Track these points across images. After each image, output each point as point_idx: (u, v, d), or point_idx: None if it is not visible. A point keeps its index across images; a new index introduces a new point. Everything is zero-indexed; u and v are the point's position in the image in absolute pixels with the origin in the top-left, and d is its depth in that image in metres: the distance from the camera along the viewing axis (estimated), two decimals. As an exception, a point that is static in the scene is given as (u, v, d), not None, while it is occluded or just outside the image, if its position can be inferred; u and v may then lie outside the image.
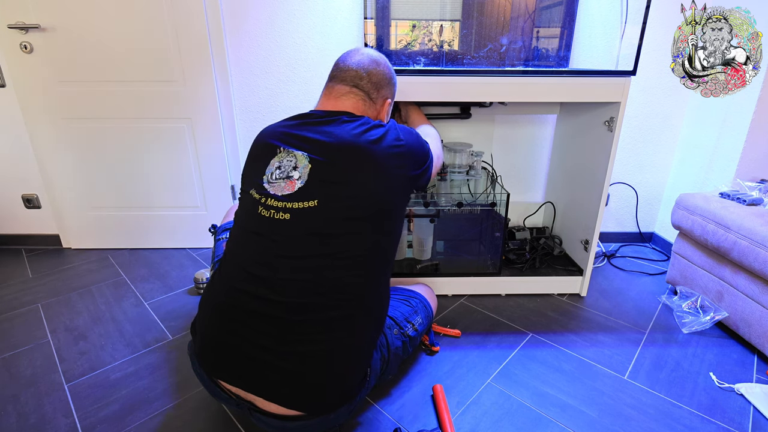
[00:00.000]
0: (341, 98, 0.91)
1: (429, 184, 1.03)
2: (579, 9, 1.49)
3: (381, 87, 0.94)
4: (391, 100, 0.99)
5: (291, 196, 0.79)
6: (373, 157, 0.80)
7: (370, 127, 0.85)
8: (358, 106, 0.91)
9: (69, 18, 1.59)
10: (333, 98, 0.92)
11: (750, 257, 1.17)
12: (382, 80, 0.94)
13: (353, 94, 0.91)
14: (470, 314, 1.43)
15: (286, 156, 0.82)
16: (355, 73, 0.91)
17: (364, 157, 0.80)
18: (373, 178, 0.80)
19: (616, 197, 1.94)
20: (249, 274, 0.81)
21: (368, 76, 0.92)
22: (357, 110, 0.91)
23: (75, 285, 1.63)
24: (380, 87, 0.94)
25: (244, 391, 0.81)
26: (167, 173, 1.83)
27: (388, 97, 0.97)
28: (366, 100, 0.92)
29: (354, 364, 0.86)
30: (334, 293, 0.79)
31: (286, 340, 0.78)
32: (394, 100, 1.03)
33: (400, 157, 0.85)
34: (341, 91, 0.91)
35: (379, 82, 0.93)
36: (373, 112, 0.95)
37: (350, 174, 0.79)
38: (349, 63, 0.93)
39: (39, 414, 1.02)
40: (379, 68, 0.94)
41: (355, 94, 0.91)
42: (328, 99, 0.92)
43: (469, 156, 1.63)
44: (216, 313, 0.85)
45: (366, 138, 0.82)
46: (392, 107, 1.04)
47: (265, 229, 0.81)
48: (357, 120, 0.86)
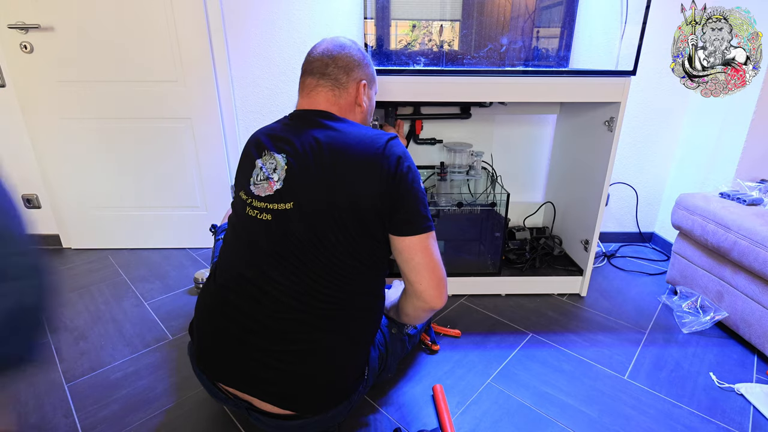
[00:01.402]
0: (312, 94, 0.89)
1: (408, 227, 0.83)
2: (579, 9, 1.49)
3: (350, 70, 0.90)
4: (367, 82, 0.94)
5: (270, 198, 0.80)
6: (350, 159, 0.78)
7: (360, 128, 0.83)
8: (329, 98, 0.88)
9: (69, 18, 1.59)
10: (306, 95, 0.90)
11: (750, 257, 1.17)
12: (350, 63, 0.90)
13: (322, 86, 0.88)
14: (470, 314, 1.43)
15: (268, 158, 0.83)
16: (321, 61, 0.89)
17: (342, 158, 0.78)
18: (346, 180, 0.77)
19: (616, 197, 1.94)
20: (240, 275, 0.82)
21: (334, 61, 0.89)
22: (329, 102, 0.88)
23: (75, 285, 1.63)
24: (349, 70, 0.90)
25: (240, 392, 0.82)
26: (167, 173, 1.83)
27: (361, 78, 0.92)
28: (335, 88, 0.89)
29: (350, 362, 0.86)
30: (326, 293, 0.79)
31: (278, 340, 0.78)
32: (374, 85, 0.98)
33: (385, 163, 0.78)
34: (311, 85, 0.89)
35: (347, 65, 0.89)
36: (346, 98, 0.90)
37: (325, 176, 0.77)
38: (315, 53, 0.91)
39: (39, 414, 1.02)
40: (344, 51, 0.90)
41: (324, 85, 0.88)
42: (303, 97, 0.91)
43: (469, 156, 1.63)
44: (210, 314, 0.85)
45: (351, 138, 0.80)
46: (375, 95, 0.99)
47: (252, 230, 0.81)
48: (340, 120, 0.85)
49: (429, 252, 0.83)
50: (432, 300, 0.85)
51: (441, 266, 0.85)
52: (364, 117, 0.95)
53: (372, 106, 0.98)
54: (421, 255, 0.82)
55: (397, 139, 0.83)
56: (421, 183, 0.84)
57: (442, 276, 0.85)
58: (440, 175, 1.60)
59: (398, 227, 0.81)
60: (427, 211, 0.83)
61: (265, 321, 0.78)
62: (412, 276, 0.84)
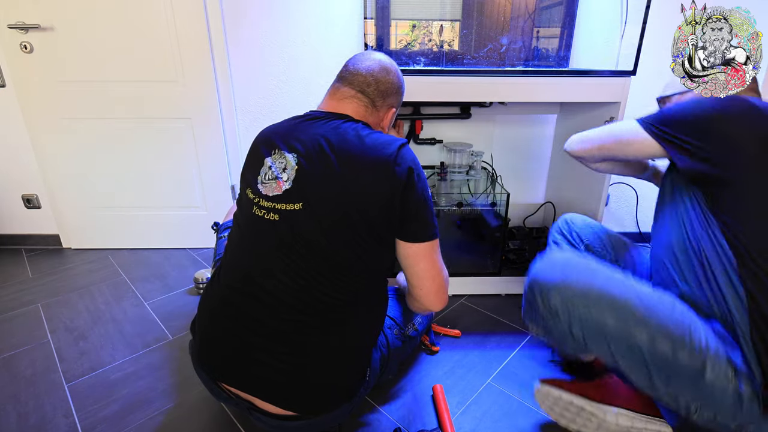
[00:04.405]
0: (344, 101, 0.89)
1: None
2: (579, 9, 1.49)
3: (388, 96, 0.92)
4: (396, 109, 0.97)
5: (279, 197, 0.79)
6: (361, 162, 0.78)
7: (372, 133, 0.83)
8: (359, 111, 0.89)
9: (69, 18, 1.59)
10: (336, 100, 0.90)
11: (750, 257, 1.16)
12: (389, 89, 0.92)
13: (357, 99, 0.89)
14: (470, 314, 1.43)
15: (278, 157, 0.82)
16: (364, 78, 0.89)
17: (354, 161, 0.78)
18: (357, 183, 0.77)
19: (616, 197, 1.94)
20: (244, 275, 0.81)
21: (376, 83, 0.90)
22: (357, 114, 0.89)
23: (75, 285, 1.63)
24: (387, 96, 0.92)
25: (242, 391, 0.82)
26: (167, 173, 1.83)
27: (393, 105, 0.95)
28: (369, 106, 0.90)
29: (352, 364, 0.86)
30: (330, 295, 0.79)
31: (280, 340, 0.78)
32: (399, 106, 1.00)
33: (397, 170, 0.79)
34: (345, 94, 0.89)
35: (386, 90, 0.91)
36: (374, 119, 0.92)
37: (335, 178, 0.77)
38: (359, 67, 0.91)
39: (39, 414, 1.02)
40: (388, 77, 0.91)
41: (360, 99, 0.89)
42: (331, 99, 0.91)
43: (469, 156, 1.63)
44: (212, 313, 0.85)
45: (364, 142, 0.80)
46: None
47: (259, 229, 0.81)
48: (357, 124, 0.85)
49: (432, 260, 0.85)
50: (430, 305, 0.89)
51: (443, 273, 0.88)
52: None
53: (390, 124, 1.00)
54: (425, 262, 0.85)
55: (407, 146, 0.84)
56: (429, 190, 0.85)
57: (442, 283, 0.88)
58: (440, 175, 1.60)
59: (406, 233, 0.83)
60: (434, 219, 0.85)
61: (268, 321, 0.78)
62: (414, 281, 0.87)
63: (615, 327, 0.75)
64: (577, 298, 0.77)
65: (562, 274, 0.79)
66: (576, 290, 0.77)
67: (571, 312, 0.77)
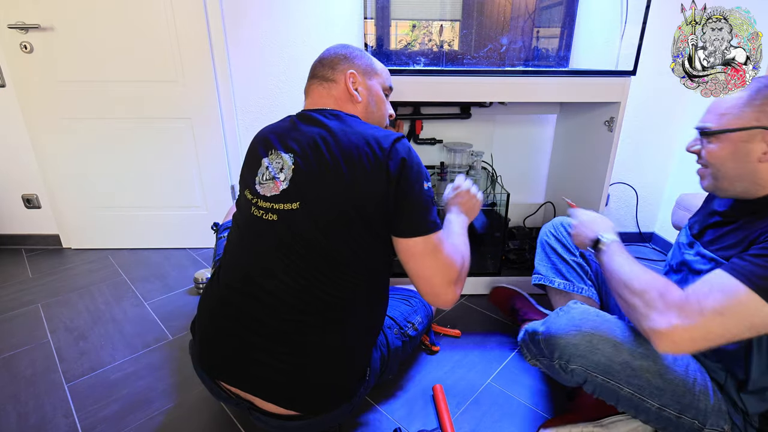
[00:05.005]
0: (310, 93, 0.93)
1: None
2: (579, 9, 1.49)
3: (335, 64, 0.92)
4: (357, 72, 0.93)
5: (276, 198, 0.79)
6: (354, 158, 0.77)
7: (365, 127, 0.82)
8: (322, 94, 0.91)
9: (69, 18, 1.59)
10: (307, 97, 0.95)
11: (750, 257, 1.16)
12: (334, 59, 0.93)
13: (315, 84, 0.92)
14: (470, 314, 1.43)
15: (275, 157, 0.83)
16: (315, 66, 0.94)
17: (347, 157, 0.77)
18: (352, 180, 0.76)
19: (616, 197, 1.94)
20: (243, 275, 0.82)
21: (321, 62, 0.93)
22: (323, 98, 0.91)
23: (75, 285, 1.63)
24: (334, 65, 0.92)
25: (242, 391, 0.82)
26: (167, 173, 1.83)
27: (348, 69, 0.92)
28: (326, 84, 0.91)
29: (352, 364, 0.86)
30: (330, 294, 0.79)
31: (280, 340, 0.78)
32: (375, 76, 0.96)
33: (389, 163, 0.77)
34: (310, 86, 0.94)
35: (331, 62, 0.92)
36: (337, 89, 0.91)
37: (331, 176, 0.77)
38: (315, 61, 0.96)
39: (39, 414, 1.02)
40: (329, 52, 0.95)
41: (316, 83, 0.92)
42: (308, 98, 0.95)
43: (469, 156, 1.63)
44: (212, 313, 0.85)
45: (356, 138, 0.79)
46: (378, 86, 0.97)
47: (258, 229, 0.81)
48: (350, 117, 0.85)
49: (427, 260, 0.78)
50: (434, 303, 0.83)
51: (441, 271, 0.79)
52: (366, 108, 0.93)
53: (374, 97, 0.95)
54: (414, 262, 0.79)
55: (404, 139, 0.82)
56: (427, 184, 0.81)
57: (440, 282, 0.79)
58: (440, 175, 1.60)
59: (402, 229, 0.79)
60: (433, 212, 0.80)
61: (268, 321, 0.78)
62: (412, 279, 0.82)
63: (629, 394, 0.76)
64: (599, 371, 0.76)
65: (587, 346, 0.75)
66: (600, 365, 0.75)
67: (588, 378, 0.77)
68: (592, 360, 0.75)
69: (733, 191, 0.77)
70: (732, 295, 0.61)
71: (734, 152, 0.73)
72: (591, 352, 0.75)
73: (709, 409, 0.75)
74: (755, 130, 0.70)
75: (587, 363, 0.76)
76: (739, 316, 0.61)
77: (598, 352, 0.75)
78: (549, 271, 1.13)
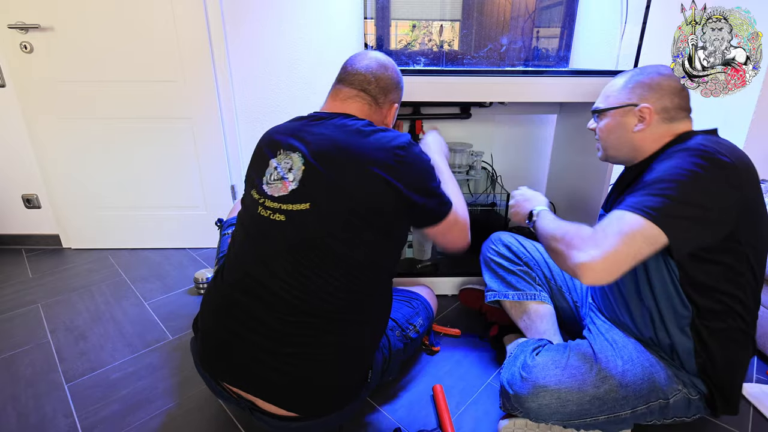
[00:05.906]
0: (347, 101, 0.90)
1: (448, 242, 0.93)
2: (579, 9, 1.49)
3: (389, 92, 0.93)
4: (398, 104, 0.98)
5: (285, 198, 0.79)
6: (366, 160, 0.77)
7: (376, 130, 0.82)
8: (363, 110, 0.90)
9: (69, 18, 1.59)
10: (339, 100, 0.91)
11: (750, 257, 1.16)
12: (389, 85, 0.93)
13: (360, 98, 0.90)
14: (470, 314, 1.43)
15: (284, 158, 0.82)
16: (363, 77, 0.90)
17: (359, 159, 0.78)
18: (364, 182, 0.77)
19: (616, 197, 1.94)
20: (248, 275, 0.81)
21: (376, 80, 0.91)
22: (361, 113, 0.89)
23: (75, 285, 1.63)
24: (388, 92, 0.93)
25: (244, 391, 0.81)
26: (167, 173, 1.83)
27: (395, 101, 0.96)
28: (372, 104, 0.91)
29: (355, 365, 0.86)
30: (335, 295, 0.79)
31: (284, 341, 0.78)
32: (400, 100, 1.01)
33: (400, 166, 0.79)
34: (348, 95, 0.90)
35: (387, 86, 0.92)
36: (378, 116, 0.93)
37: (342, 177, 0.77)
38: (357, 67, 0.91)
39: (39, 414, 1.02)
40: (387, 73, 0.92)
41: (362, 98, 0.90)
42: (333, 101, 0.92)
43: (469, 156, 1.63)
44: (215, 312, 0.85)
45: (368, 140, 0.79)
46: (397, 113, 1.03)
47: (264, 229, 0.81)
48: (361, 121, 0.85)
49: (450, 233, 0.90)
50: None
51: (462, 238, 0.92)
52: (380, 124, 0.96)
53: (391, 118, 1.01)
54: (440, 237, 0.90)
55: (414, 142, 0.84)
56: (435, 176, 0.86)
57: (463, 239, 0.92)
58: (440, 175, 1.60)
59: (420, 221, 0.86)
60: (444, 197, 0.86)
61: (272, 322, 0.78)
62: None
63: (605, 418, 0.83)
64: (574, 417, 0.83)
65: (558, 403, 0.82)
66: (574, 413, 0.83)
67: (567, 425, 0.85)
68: (565, 413, 0.82)
69: (621, 158, 0.93)
70: (629, 221, 0.72)
71: (616, 126, 0.90)
72: (563, 406, 0.82)
73: (664, 383, 0.83)
74: (628, 107, 0.87)
75: (562, 417, 0.83)
76: (637, 237, 0.71)
77: (569, 403, 0.82)
78: (500, 286, 1.18)
